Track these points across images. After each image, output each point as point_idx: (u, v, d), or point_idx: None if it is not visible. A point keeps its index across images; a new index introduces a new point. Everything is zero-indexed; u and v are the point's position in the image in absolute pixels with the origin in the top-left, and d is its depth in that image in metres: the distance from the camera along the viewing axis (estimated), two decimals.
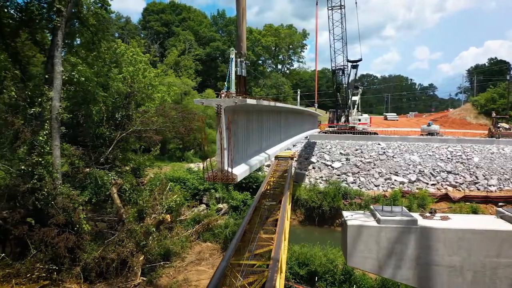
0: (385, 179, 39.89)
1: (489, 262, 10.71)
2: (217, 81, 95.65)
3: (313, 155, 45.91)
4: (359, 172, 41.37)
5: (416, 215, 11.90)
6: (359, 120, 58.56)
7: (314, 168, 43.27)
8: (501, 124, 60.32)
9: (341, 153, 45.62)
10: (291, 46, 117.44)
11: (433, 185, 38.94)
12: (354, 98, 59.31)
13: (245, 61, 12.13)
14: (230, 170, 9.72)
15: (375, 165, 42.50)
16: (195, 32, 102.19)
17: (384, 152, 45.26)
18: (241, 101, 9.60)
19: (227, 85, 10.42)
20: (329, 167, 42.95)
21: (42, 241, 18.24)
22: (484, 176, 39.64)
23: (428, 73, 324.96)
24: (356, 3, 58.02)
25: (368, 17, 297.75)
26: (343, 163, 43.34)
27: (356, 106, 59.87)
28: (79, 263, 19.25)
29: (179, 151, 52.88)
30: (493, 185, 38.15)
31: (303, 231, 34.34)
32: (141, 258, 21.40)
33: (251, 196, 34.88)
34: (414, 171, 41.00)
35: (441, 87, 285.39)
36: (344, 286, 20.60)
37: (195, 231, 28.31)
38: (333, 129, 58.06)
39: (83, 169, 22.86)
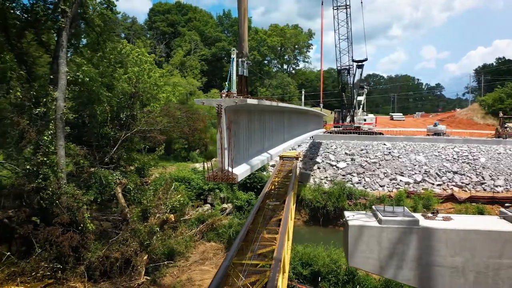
0: (391, 180, 39.72)
1: (492, 263, 10.63)
2: (223, 81, 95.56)
3: (318, 155, 45.82)
4: (364, 172, 41.22)
5: (418, 215, 11.85)
6: (365, 120, 58.35)
7: (319, 168, 43.19)
8: (508, 124, 59.63)
9: (346, 153, 45.47)
10: (296, 46, 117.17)
11: (439, 185, 38.71)
12: (359, 98, 59.13)
13: (247, 61, 12.12)
14: (230, 169, 9.71)
15: (380, 165, 42.32)
16: (201, 32, 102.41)
17: (389, 152, 45.05)
18: (242, 101, 9.58)
19: (228, 85, 10.39)
20: (334, 167, 42.85)
21: (47, 240, 18.38)
22: (490, 176, 39.31)
23: (435, 73, 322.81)
24: (361, 2, 57.98)
25: (374, 16, 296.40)
26: (348, 163, 43.21)
27: (361, 106, 59.66)
28: (83, 262, 19.36)
29: (184, 151, 52.97)
30: (500, 186, 37.83)
31: (307, 231, 34.30)
32: (145, 257, 21.48)
33: (255, 196, 34.90)
34: (419, 171, 40.77)
35: (448, 87, 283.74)
36: (347, 286, 20.55)
37: (199, 230, 28.38)
38: (338, 129, 57.93)
39: (87, 169, 23.01)
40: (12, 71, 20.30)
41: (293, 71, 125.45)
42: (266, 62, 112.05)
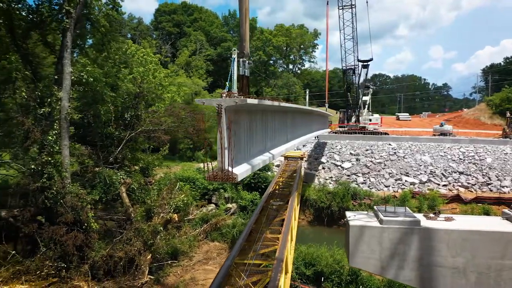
0: (396, 180, 39.52)
1: (494, 263, 10.54)
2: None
3: (323, 155, 45.71)
4: (369, 172, 41.06)
5: (419, 215, 11.78)
6: (370, 120, 58.16)
7: (324, 168, 43.09)
8: None
9: (351, 153, 45.33)
10: (302, 46, 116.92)
11: (444, 186, 38.45)
12: (364, 98, 58.93)
13: (248, 61, 12.12)
14: (230, 169, 9.72)
15: (385, 165, 42.13)
16: (206, 32, 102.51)
17: (395, 152, 44.83)
18: (242, 101, 9.58)
19: (228, 85, 10.43)
20: (339, 167, 42.73)
21: (51, 239, 18.53)
22: (497, 177, 38.97)
23: (442, 73, 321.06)
24: (367, 2, 57.65)
25: (381, 16, 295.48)
26: (353, 164, 43.06)
27: (366, 106, 59.46)
28: (87, 261, 19.49)
29: (189, 151, 53.06)
30: (507, 186, 37.48)
31: (312, 231, 34.25)
32: (148, 256, 21.58)
33: (260, 196, 34.88)
34: (425, 171, 40.53)
35: (456, 86, 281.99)
36: (350, 287, 20.48)
37: (203, 230, 28.44)
38: (344, 129, 57.80)
39: (92, 168, 23.15)
40: (17, 71, 20.48)
41: (299, 71, 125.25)
42: (271, 62, 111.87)
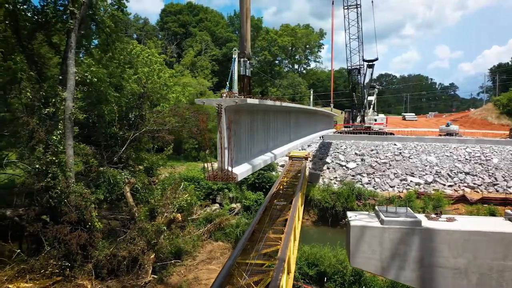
0: (401, 180, 39.32)
1: (496, 264, 10.45)
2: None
3: (328, 156, 45.60)
4: (374, 172, 40.89)
5: (421, 216, 11.72)
6: (375, 120, 57.91)
7: (328, 168, 42.98)
8: None
9: (356, 154, 45.18)
10: (308, 46, 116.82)
11: (450, 186, 38.19)
12: (370, 98, 58.71)
13: (250, 61, 12.13)
14: (230, 169, 9.75)
15: (390, 165, 41.93)
16: (212, 32, 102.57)
17: (400, 152, 44.62)
18: (242, 101, 9.61)
19: (229, 84, 10.46)
20: (344, 168, 42.61)
21: (55, 238, 18.63)
22: (503, 177, 38.62)
23: (448, 72, 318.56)
24: (372, 2, 57.41)
25: (387, 15, 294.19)
26: (358, 164, 42.91)
27: (372, 106, 59.22)
28: (91, 260, 19.58)
29: (194, 150, 53.15)
30: None
31: (316, 231, 34.19)
32: (152, 256, 21.66)
33: (264, 195, 34.88)
34: (430, 172, 40.28)
35: (462, 86, 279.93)
36: (353, 287, 20.42)
37: (207, 230, 28.49)
38: (349, 129, 57.62)
39: (96, 168, 23.27)
40: (22, 72, 20.64)
41: (304, 71, 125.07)
42: (277, 62, 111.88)
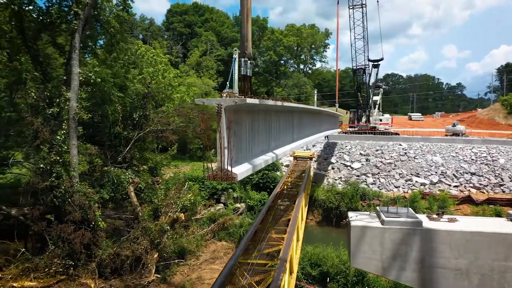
0: (406, 180, 39.11)
1: (497, 265, 10.36)
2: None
3: (333, 156, 45.48)
4: (379, 173, 40.71)
5: (422, 216, 11.65)
6: (380, 120, 57.62)
7: (333, 168, 42.88)
8: None
9: (361, 154, 45.01)
10: (313, 45, 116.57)
11: (455, 187, 37.92)
12: (375, 98, 58.38)
13: (251, 61, 12.12)
14: (230, 168, 9.75)
15: (395, 166, 41.72)
16: (217, 32, 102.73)
17: (405, 152, 44.38)
18: (242, 101, 9.60)
19: (229, 84, 10.46)
20: (349, 168, 42.47)
21: (59, 237, 18.80)
22: (510, 178, 38.27)
23: (456, 72, 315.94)
24: (377, 1, 57.09)
25: (392, 15, 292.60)
26: (363, 164, 42.75)
27: (377, 106, 58.92)
28: (94, 259, 19.69)
29: (200, 150, 53.31)
30: None
31: (320, 231, 34.12)
32: (155, 255, 21.74)
33: (268, 195, 34.83)
34: (436, 172, 40.02)
35: (470, 86, 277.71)
36: (356, 287, 20.35)
37: (211, 230, 28.54)
38: (354, 129, 57.40)
39: (100, 168, 23.40)
40: (27, 72, 20.83)
41: (310, 71, 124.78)
42: (282, 62, 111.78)
